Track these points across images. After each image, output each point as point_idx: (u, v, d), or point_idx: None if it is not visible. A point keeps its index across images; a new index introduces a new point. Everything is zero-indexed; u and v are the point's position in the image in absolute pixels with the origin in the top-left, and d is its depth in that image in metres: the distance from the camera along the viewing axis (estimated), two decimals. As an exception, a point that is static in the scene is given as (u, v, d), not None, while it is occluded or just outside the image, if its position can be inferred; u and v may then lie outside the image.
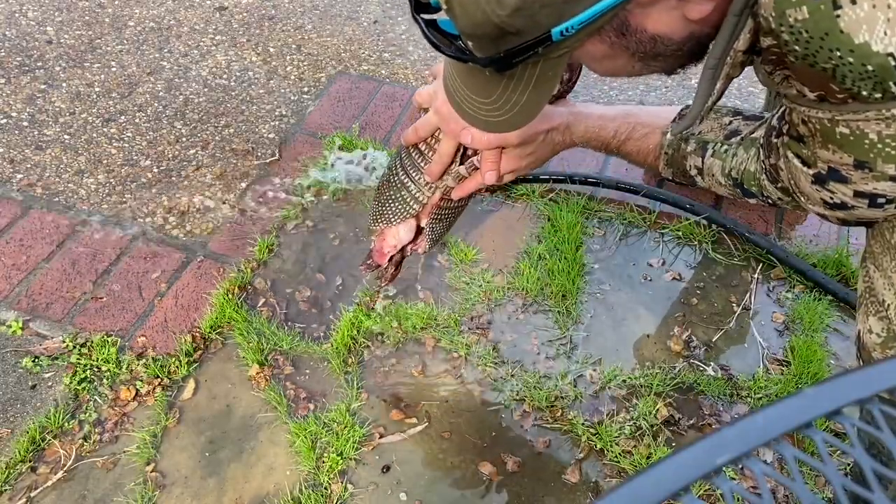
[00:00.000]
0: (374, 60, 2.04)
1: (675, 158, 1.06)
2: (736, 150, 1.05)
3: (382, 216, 1.12)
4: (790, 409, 0.35)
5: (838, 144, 0.73)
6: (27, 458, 1.20)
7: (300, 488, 1.16)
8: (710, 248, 1.49)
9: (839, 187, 0.78)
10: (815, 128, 0.75)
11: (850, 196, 0.77)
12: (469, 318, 1.39)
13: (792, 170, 0.85)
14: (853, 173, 0.74)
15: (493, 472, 1.18)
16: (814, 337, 1.33)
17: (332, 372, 1.31)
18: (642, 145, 1.10)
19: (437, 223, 1.13)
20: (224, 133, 1.81)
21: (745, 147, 1.05)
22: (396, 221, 1.12)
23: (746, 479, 1.13)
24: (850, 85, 0.64)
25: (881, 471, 0.34)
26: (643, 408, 1.24)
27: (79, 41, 2.09)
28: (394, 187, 1.11)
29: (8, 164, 1.72)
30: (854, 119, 0.69)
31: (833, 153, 0.75)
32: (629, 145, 1.10)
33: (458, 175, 1.08)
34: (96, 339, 1.35)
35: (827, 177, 0.78)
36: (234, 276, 1.45)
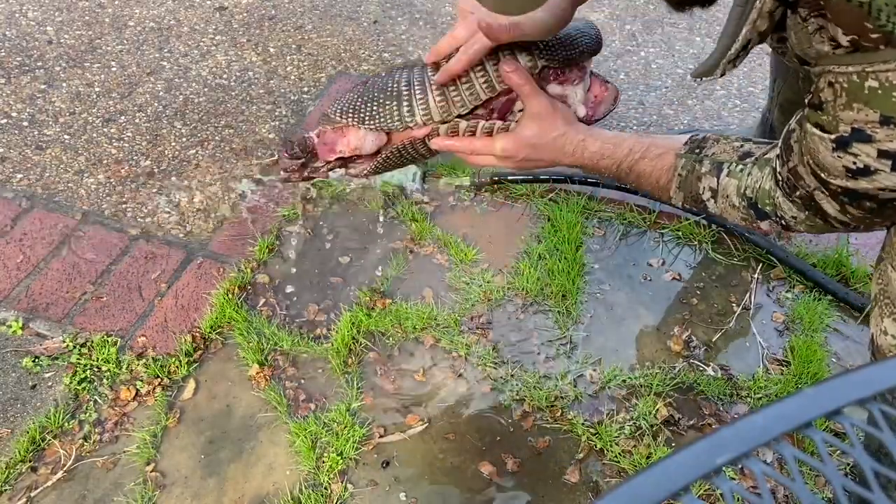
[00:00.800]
0: (374, 60, 2.04)
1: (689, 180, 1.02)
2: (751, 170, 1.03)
3: (357, 112, 1.01)
4: (790, 409, 0.35)
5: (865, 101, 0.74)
6: (27, 458, 1.20)
7: (300, 488, 1.16)
8: (710, 248, 1.49)
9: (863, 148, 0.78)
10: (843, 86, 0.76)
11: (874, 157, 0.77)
12: (469, 318, 1.39)
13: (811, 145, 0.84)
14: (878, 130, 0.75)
15: (493, 472, 1.18)
16: (814, 337, 1.33)
17: (332, 372, 1.31)
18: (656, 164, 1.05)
19: (393, 157, 1.03)
20: (224, 133, 1.81)
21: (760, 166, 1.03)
22: (368, 126, 1.01)
23: (746, 479, 1.13)
24: (885, 21, 0.66)
25: (882, 471, 0.34)
26: (643, 408, 1.24)
27: (79, 41, 2.09)
28: (388, 94, 1.01)
29: (8, 164, 1.72)
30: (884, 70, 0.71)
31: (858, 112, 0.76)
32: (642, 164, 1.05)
33: (454, 126, 1.00)
34: (96, 339, 1.35)
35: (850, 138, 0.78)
36: (234, 276, 1.45)
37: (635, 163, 1.05)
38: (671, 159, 1.04)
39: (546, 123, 1.02)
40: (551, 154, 1.04)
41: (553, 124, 1.02)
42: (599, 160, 1.04)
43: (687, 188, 1.02)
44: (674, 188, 1.03)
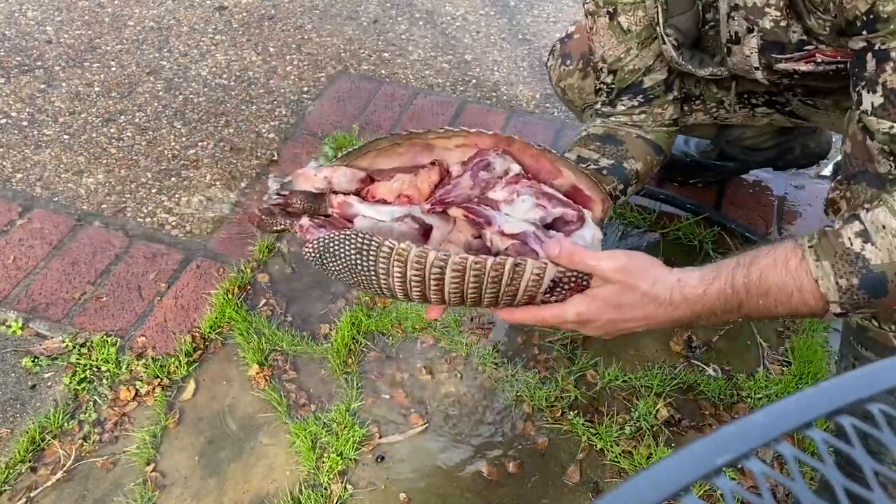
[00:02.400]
0: (374, 60, 2.04)
1: (825, 244, 0.79)
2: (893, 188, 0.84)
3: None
4: (790, 409, 0.35)
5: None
6: (27, 458, 1.19)
7: (300, 488, 1.16)
8: (711, 249, 1.49)
9: None
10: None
11: None
12: (469, 318, 1.39)
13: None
14: None
15: (493, 472, 1.18)
16: (814, 337, 1.33)
17: (332, 372, 1.31)
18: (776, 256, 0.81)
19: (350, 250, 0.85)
20: (224, 133, 1.81)
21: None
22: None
23: (746, 479, 1.13)
24: None
25: (883, 471, 0.34)
26: (643, 408, 1.24)
27: (78, 41, 2.09)
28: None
29: (8, 163, 1.72)
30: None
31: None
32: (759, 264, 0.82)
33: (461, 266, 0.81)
34: (96, 339, 1.35)
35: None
36: (234, 276, 1.45)
37: (751, 265, 0.82)
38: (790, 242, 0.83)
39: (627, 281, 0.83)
40: (642, 311, 0.85)
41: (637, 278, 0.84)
42: (706, 290, 0.82)
43: (829, 250, 0.78)
44: (811, 262, 0.79)
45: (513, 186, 0.92)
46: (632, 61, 1.16)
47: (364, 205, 0.92)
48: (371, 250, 0.82)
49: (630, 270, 0.83)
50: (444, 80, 1.97)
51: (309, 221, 0.90)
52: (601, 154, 1.17)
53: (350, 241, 0.83)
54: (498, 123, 1.82)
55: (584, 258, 0.83)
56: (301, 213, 0.92)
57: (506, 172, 0.93)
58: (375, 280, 0.85)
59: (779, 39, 0.96)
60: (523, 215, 0.89)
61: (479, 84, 1.97)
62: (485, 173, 0.92)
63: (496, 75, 2.00)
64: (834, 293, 0.78)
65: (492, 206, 0.90)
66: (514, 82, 1.97)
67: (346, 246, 0.83)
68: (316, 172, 0.93)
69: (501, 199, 0.91)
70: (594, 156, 1.18)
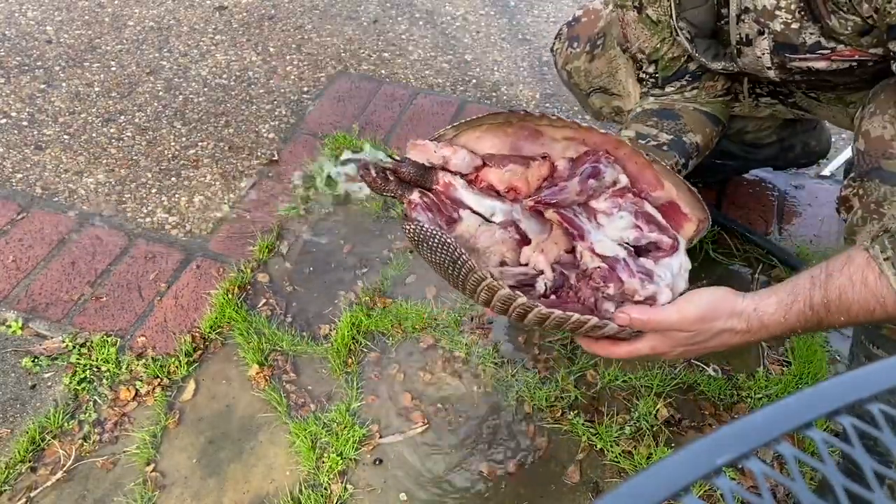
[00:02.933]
0: (374, 60, 2.04)
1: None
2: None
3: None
4: (790, 409, 0.35)
5: None
6: (27, 458, 1.19)
7: (300, 488, 1.16)
8: (711, 249, 1.49)
9: None
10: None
11: None
12: (469, 318, 1.39)
13: None
14: None
15: (493, 472, 1.18)
16: (814, 337, 1.33)
17: (332, 372, 1.31)
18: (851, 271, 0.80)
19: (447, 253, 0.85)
20: (224, 133, 1.81)
21: None
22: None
23: (746, 479, 1.13)
24: None
25: (882, 471, 0.34)
26: (643, 408, 1.24)
27: (78, 41, 2.09)
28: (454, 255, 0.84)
29: (8, 163, 1.72)
30: None
31: None
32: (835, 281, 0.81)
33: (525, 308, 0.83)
34: (96, 339, 1.35)
35: None
36: (234, 276, 1.45)
37: (827, 285, 0.81)
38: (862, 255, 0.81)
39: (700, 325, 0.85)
40: (719, 341, 0.87)
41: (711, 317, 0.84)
42: (786, 314, 0.82)
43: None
44: (891, 276, 0.78)
45: (616, 200, 0.92)
46: (670, 50, 1.17)
47: (467, 191, 0.93)
48: (464, 269, 0.83)
49: (705, 318, 0.84)
50: (444, 80, 1.97)
51: (419, 198, 0.91)
52: (660, 129, 1.19)
53: (448, 248, 0.83)
54: (498, 123, 1.81)
55: (658, 323, 0.84)
56: (411, 184, 0.92)
57: (614, 183, 0.93)
58: (461, 288, 0.87)
59: (790, 41, 0.96)
60: (618, 233, 0.91)
61: (479, 84, 1.97)
62: (594, 181, 0.92)
63: (496, 75, 2.00)
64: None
65: (591, 216, 0.92)
66: (514, 82, 1.97)
67: (443, 249, 0.84)
68: (436, 149, 0.92)
69: (602, 210, 0.92)
70: (653, 131, 1.19)
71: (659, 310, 0.85)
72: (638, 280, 0.87)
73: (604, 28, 1.31)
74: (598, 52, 1.32)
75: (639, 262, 0.89)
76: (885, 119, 0.89)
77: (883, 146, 0.87)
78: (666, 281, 0.88)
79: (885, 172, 0.86)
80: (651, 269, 0.89)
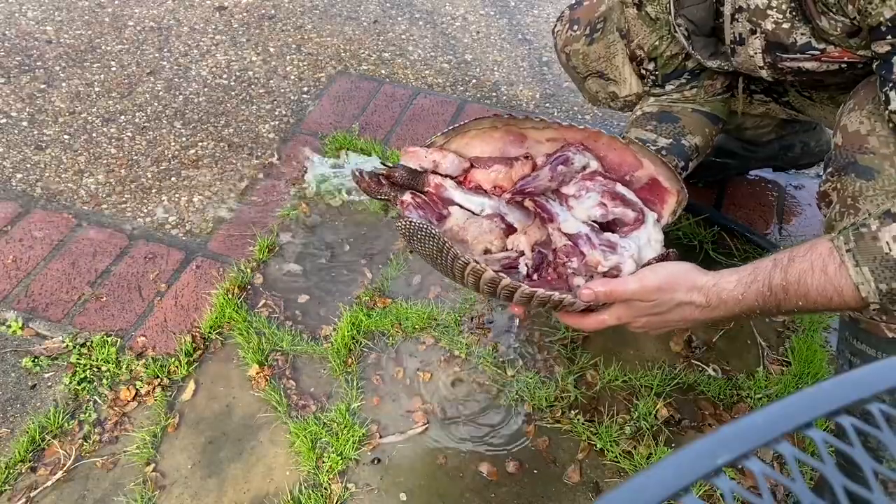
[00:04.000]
0: (374, 60, 2.04)
1: (863, 246, 0.78)
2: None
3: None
4: (790, 409, 0.35)
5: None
6: (27, 458, 1.19)
7: (300, 488, 1.16)
8: (711, 249, 1.49)
9: None
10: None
11: None
12: (469, 318, 1.39)
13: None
14: None
15: (493, 472, 1.18)
16: (814, 337, 1.33)
17: (332, 372, 1.31)
18: (812, 258, 0.81)
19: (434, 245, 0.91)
20: (224, 133, 1.81)
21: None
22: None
23: (746, 479, 1.13)
24: None
25: (882, 471, 0.34)
26: (643, 408, 1.24)
27: (79, 41, 2.09)
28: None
29: (8, 163, 1.72)
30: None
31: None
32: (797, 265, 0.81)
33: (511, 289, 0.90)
34: (96, 339, 1.35)
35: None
36: (234, 276, 1.45)
37: (788, 268, 0.82)
38: (826, 244, 0.82)
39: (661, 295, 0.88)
40: (680, 314, 0.89)
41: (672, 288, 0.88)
42: (744, 291, 0.84)
43: (867, 255, 0.78)
44: (850, 267, 0.78)
45: (584, 183, 0.99)
46: (668, 48, 1.17)
47: (457, 191, 1.01)
48: (449, 256, 0.90)
49: (664, 288, 0.88)
50: (444, 80, 1.97)
51: (411, 198, 0.99)
52: (658, 134, 1.20)
53: (434, 238, 0.90)
54: (498, 123, 1.81)
55: (620, 294, 0.89)
56: (404, 187, 1.01)
57: (584, 168, 1.00)
58: (452, 276, 0.94)
59: (781, 41, 0.96)
60: (585, 212, 0.98)
61: (479, 84, 1.97)
62: (563, 168, 0.99)
63: (496, 75, 2.00)
64: (874, 296, 0.79)
65: (562, 200, 0.99)
66: (514, 82, 1.97)
67: (430, 240, 0.91)
68: (426, 154, 1.01)
69: (571, 193, 0.99)
70: (651, 136, 1.20)
71: (620, 280, 0.91)
72: (600, 251, 0.93)
73: (604, 13, 1.31)
74: (597, 35, 1.32)
75: (602, 236, 0.96)
76: (861, 114, 0.89)
77: (859, 141, 0.88)
78: (630, 251, 0.94)
79: (860, 167, 0.87)
80: (615, 242, 0.95)
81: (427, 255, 0.94)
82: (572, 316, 0.96)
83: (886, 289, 0.78)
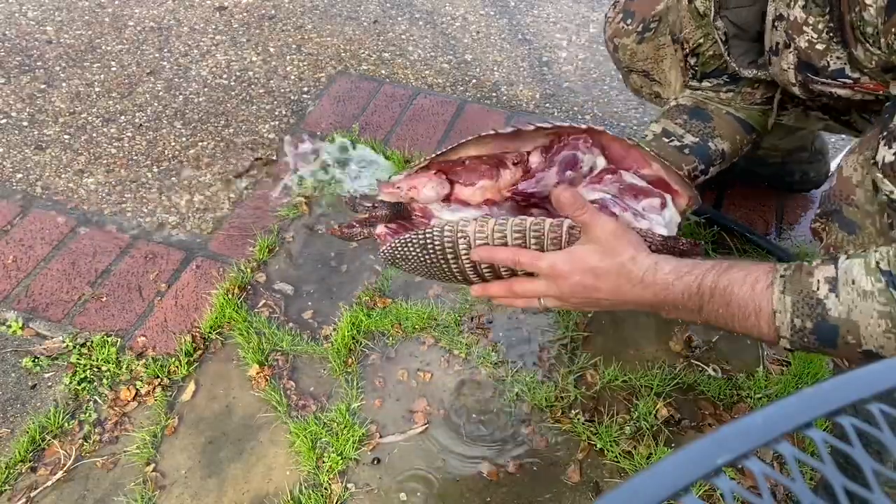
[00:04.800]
0: (374, 60, 2.04)
1: (796, 279, 0.77)
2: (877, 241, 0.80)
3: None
4: (790, 409, 0.35)
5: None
6: (27, 458, 1.19)
7: (300, 488, 1.16)
8: (711, 249, 1.49)
9: None
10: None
11: None
12: (469, 318, 1.39)
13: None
14: None
15: (493, 472, 1.18)
16: (814, 337, 1.33)
17: (332, 372, 1.31)
18: (750, 270, 0.80)
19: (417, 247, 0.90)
20: (224, 133, 1.81)
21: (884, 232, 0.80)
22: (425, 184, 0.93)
23: (746, 479, 1.13)
24: None
25: (881, 471, 0.34)
26: (643, 408, 1.24)
27: (79, 41, 2.09)
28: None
29: (8, 163, 1.72)
30: None
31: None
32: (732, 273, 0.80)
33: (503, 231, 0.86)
34: (96, 339, 1.35)
35: None
36: (234, 276, 1.45)
37: (724, 272, 0.80)
38: (768, 265, 0.81)
39: (611, 246, 0.84)
40: (614, 282, 0.85)
41: (621, 249, 0.84)
42: (676, 280, 0.82)
43: (797, 286, 0.76)
44: (776, 291, 0.77)
45: (594, 186, 0.93)
46: (711, 47, 1.13)
47: (446, 210, 0.95)
48: (435, 241, 0.86)
49: (617, 235, 0.84)
50: (444, 80, 1.97)
51: (384, 229, 0.95)
52: (686, 130, 1.14)
53: (412, 242, 0.87)
54: (498, 123, 1.82)
55: (585, 207, 0.84)
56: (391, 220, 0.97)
57: (591, 170, 0.94)
58: (448, 264, 0.90)
59: (812, 62, 0.91)
60: None
61: (479, 84, 1.97)
62: (571, 173, 0.93)
63: (496, 75, 2.00)
64: (786, 329, 0.77)
65: None
66: (514, 82, 1.97)
67: (410, 247, 0.87)
68: (403, 190, 0.95)
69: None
70: (679, 131, 1.15)
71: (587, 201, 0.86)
72: (630, 214, 0.89)
73: (661, 12, 1.23)
74: (649, 35, 1.25)
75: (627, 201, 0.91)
76: (858, 160, 0.84)
77: (848, 190, 0.84)
78: (661, 221, 0.90)
79: (844, 219, 0.84)
80: (641, 211, 0.91)
81: (419, 265, 0.91)
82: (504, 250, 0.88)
83: (800, 325, 0.76)
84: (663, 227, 0.91)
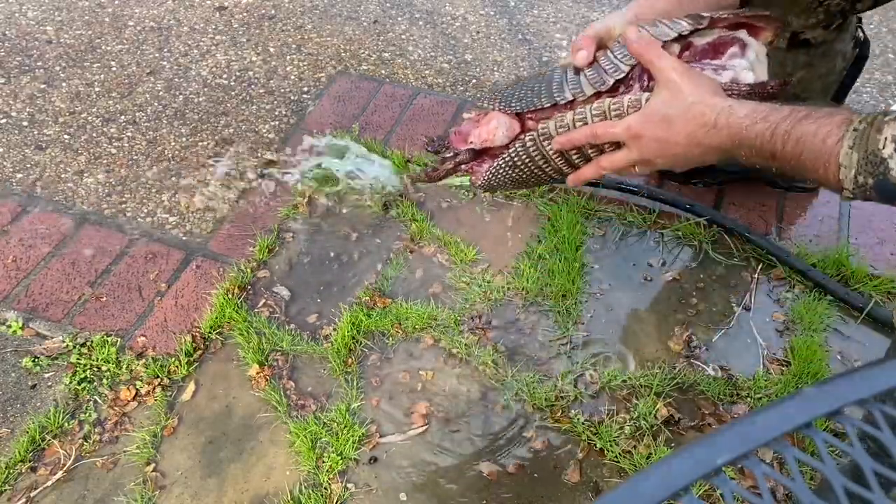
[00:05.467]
0: (374, 60, 2.04)
1: (867, 134, 0.77)
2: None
3: (505, 98, 0.97)
4: (790, 409, 0.35)
5: None
6: (27, 458, 1.20)
7: (300, 488, 1.16)
8: (710, 249, 1.49)
9: None
10: None
11: None
12: (469, 318, 1.39)
13: None
14: None
15: (493, 472, 1.18)
16: (814, 337, 1.33)
17: (332, 372, 1.31)
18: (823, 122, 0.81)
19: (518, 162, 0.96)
20: (224, 133, 1.81)
21: None
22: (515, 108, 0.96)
23: (746, 479, 1.13)
24: None
25: (882, 471, 0.34)
26: (643, 408, 1.24)
27: (79, 41, 2.09)
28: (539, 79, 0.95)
29: (8, 163, 1.72)
30: None
31: None
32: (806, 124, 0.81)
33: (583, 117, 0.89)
34: (96, 339, 1.35)
35: None
36: (234, 276, 1.45)
37: (798, 122, 0.81)
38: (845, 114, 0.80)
39: (679, 88, 0.85)
40: (688, 127, 0.85)
41: (688, 89, 0.85)
42: (752, 125, 0.82)
43: (862, 146, 0.77)
44: (845, 148, 0.78)
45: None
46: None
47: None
48: (522, 156, 0.94)
49: (689, 75, 0.85)
50: (444, 80, 1.97)
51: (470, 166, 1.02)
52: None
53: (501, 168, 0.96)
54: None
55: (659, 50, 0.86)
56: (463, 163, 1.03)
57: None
58: (541, 172, 0.97)
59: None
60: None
61: (479, 84, 1.96)
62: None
63: (496, 75, 2.00)
64: (849, 183, 0.78)
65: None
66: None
67: (501, 172, 0.96)
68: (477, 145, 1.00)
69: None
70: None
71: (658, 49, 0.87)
72: (710, 70, 0.89)
73: None
74: None
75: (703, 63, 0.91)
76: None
77: None
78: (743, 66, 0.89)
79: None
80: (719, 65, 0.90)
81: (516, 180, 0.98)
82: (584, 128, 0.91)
83: (862, 181, 0.78)
84: (748, 71, 0.91)
